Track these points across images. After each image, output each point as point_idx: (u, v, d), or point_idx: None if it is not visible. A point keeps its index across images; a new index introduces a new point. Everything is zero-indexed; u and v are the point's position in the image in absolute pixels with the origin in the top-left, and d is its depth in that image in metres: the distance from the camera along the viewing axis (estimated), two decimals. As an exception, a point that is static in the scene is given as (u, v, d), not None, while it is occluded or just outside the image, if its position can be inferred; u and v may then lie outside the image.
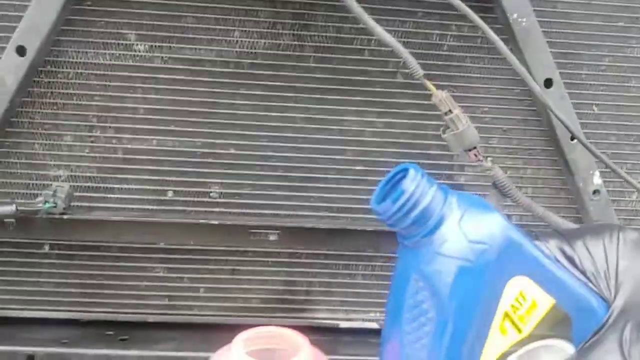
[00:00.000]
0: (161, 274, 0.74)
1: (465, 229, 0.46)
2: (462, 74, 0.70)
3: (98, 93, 0.68)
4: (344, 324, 0.77)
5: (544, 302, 0.48)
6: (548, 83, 0.67)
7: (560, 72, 0.68)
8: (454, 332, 0.45)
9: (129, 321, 0.75)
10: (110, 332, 0.74)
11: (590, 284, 0.50)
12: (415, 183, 0.47)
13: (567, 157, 0.69)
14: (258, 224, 0.69)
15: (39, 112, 0.68)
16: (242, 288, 0.75)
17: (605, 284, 0.50)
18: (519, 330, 0.47)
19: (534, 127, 0.72)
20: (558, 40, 0.69)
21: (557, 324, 0.48)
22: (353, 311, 0.77)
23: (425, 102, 0.70)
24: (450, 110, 0.58)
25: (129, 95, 0.68)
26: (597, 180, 0.70)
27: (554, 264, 0.49)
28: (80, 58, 0.67)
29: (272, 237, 0.70)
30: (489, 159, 0.64)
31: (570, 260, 0.51)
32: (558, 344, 0.49)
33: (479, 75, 0.70)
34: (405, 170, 0.48)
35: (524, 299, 0.47)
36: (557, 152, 0.71)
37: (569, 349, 0.49)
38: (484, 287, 0.46)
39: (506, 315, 0.47)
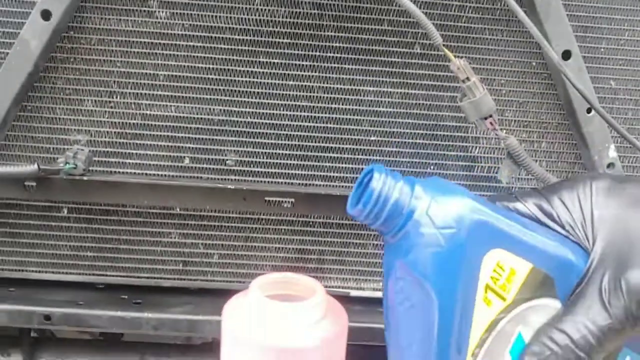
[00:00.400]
0: (176, 240, 0.75)
1: (433, 217, 0.48)
2: (480, 46, 0.70)
3: (119, 59, 0.69)
4: (354, 293, 0.77)
5: (522, 267, 0.49)
6: (566, 55, 0.67)
7: (579, 46, 0.68)
8: (440, 316, 0.47)
9: (144, 285, 0.77)
10: (125, 296, 0.76)
11: (570, 237, 0.51)
12: (380, 182, 0.49)
13: (582, 131, 0.70)
14: (273, 190, 0.70)
15: (61, 78, 0.69)
16: (256, 255, 0.76)
17: (583, 235, 0.51)
18: (503, 299, 0.49)
19: (550, 101, 0.72)
20: (578, 13, 0.69)
21: (539, 286, 0.50)
22: (364, 280, 0.78)
23: (442, 74, 0.70)
24: (467, 78, 0.59)
25: (149, 61, 0.69)
26: (612, 153, 0.70)
27: (525, 230, 0.50)
28: (103, 24, 0.68)
29: (286, 205, 0.71)
30: (503, 131, 0.64)
31: (549, 216, 0.52)
32: (544, 302, 0.50)
33: (496, 47, 0.70)
34: (371, 171, 0.51)
35: (502, 269, 0.49)
36: (572, 125, 0.71)
37: (556, 304, 0.50)
38: (460, 267, 0.48)
39: (487, 287, 0.48)
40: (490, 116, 0.60)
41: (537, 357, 0.48)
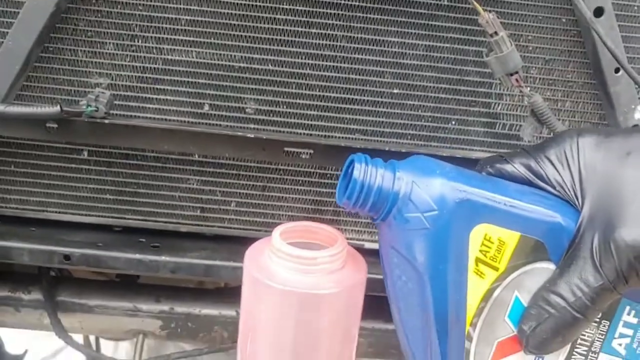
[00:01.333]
0: (195, 186, 0.76)
1: (415, 201, 0.49)
2: (508, 0, 0.68)
3: (141, 2, 0.68)
4: (368, 245, 0.78)
5: (510, 237, 0.50)
6: (598, 12, 0.65)
7: (612, 3, 0.66)
8: (434, 293, 0.49)
9: (161, 230, 0.78)
10: (143, 240, 0.77)
11: (561, 197, 0.51)
12: (362, 172, 0.51)
13: (609, 90, 0.68)
14: (293, 141, 0.70)
15: (83, 19, 0.68)
16: (272, 205, 0.77)
17: (573, 194, 0.51)
18: (495, 269, 0.50)
19: (577, 59, 0.70)
20: (612, -32, 0.67)
21: (530, 251, 0.50)
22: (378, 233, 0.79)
23: (469, 27, 0.69)
24: (495, 32, 0.58)
25: (171, 5, 0.68)
26: (638, 115, 0.69)
27: (510, 201, 0.50)
28: (125, -35, 0.67)
29: (304, 155, 0.71)
30: (528, 88, 0.64)
31: (539, 176, 0.52)
32: (538, 266, 0.51)
33: (526, 1, 0.68)
34: (352, 162, 0.52)
35: (490, 241, 0.50)
36: (599, 85, 0.70)
37: (550, 266, 0.51)
38: (447, 246, 0.49)
39: (478, 260, 0.50)
40: (516, 72, 0.60)
41: (535, 320, 0.49)
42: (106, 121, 0.67)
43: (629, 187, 0.48)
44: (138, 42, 0.69)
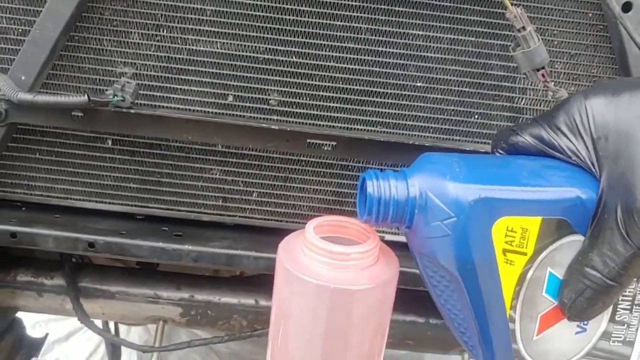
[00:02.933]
0: (217, 176, 0.76)
1: (433, 211, 0.50)
2: (535, -6, 0.68)
3: (166, -9, 0.68)
4: (389, 237, 0.78)
5: (532, 223, 0.50)
6: (626, 7, 0.65)
7: (640, -3, 0.66)
8: (469, 290, 0.51)
9: (184, 219, 0.79)
10: (165, 228, 0.77)
11: (578, 164, 0.51)
12: (375, 187, 0.52)
13: (635, 86, 0.68)
14: (317, 133, 0.70)
15: (108, 9, 0.69)
16: (294, 195, 0.77)
17: (589, 163, 0.50)
18: (524, 254, 0.51)
19: (603, 54, 0.70)
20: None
21: (555, 230, 0.51)
22: (400, 226, 0.79)
23: (494, 21, 0.69)
24: (523, 27, 0.58)
25: (196, -5, 0.68)
26: (663, 111, 0.69)
27: (525, 189, 0.50)
28: (151, -45, 0.67)
29: (326, 148, 0.71)
30: (552, 83, 0.63)
31: (552, 147, 0.52)
32: (565, 241, 0.51)
33: (552, -5, 0.68)
34: (364, 179, 0.53)
35: (513, 231, 0.50)
36: (624, 80, 0.70)
37: (578, 238, 0.51)
38: (472, 246, 0.49)
39: (505, 250, 0.50)
40: (543, 68, 0.59)
41: (574, 293, 0.50)
42: (132, 111, 0.68)
43: None
44: (163, 32, 0.70)
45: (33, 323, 1.04)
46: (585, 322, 0.54)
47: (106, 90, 0.69)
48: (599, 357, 0.55)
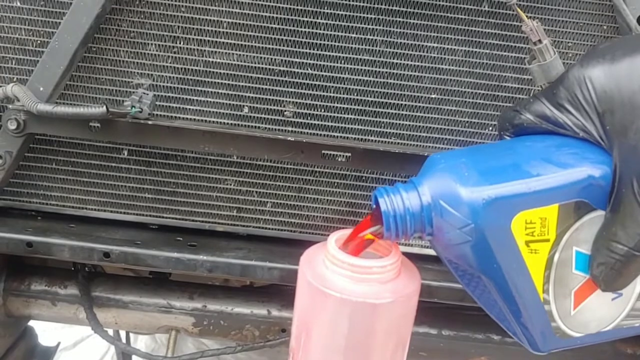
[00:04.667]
0: (232, 187, 0.77)
1: (449, 220, 0.50)
2: (550, 7, 0.68)
3: (184, 4, 0.69)
4: (403, 249, 0.78)
5: (550, 211, 0.50)
6: (642, 20, 0.65)
7: (655, 11, 0.66)
8: (498, 287, 0.51)
9: (198, 229, 0.79)
10: (180, 238, 0.78)
11: (586, 138, 0.50)
12: (388, 203, 0.52)
13: (650, 99, 0.68)
14: (332, 144, 0.71)
15: (126, 20, 0.69)
16: (307, 206, 0.77)
17: (599, 138, 0.49)
18: (547, 240, 0.51)
19: (618, 67, 0.70)
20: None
21: (574, 212, 0.50)
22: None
23: (508, 33, 0.69)
24: (539, 40, 0.58)
25: (213, 7, 0.69)
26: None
27: (536, 179, 0.49)
28: (168, -32, 0.68)
29: (340, 159, 0.72)
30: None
31: (559, 125, 0.51)
32: (586, 219, 0.51)
33: (567, 8, 0.68)
34: (376, 197, 0.53)
35: (532, 222, 0.50)
36: None
37: (598, 213, 0.51)
38: (493, 246, 0.50)
39: (527, 242, 0.50)
40: (559, 80, 0.59)
41: (604, 267, 0.50)
42: (149, 122, 0.68)
43: None
44: (180, 43, 0.70)
45: (40, 331, 1.05)
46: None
47: (123, 101, 0.70)
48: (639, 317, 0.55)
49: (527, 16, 0.60)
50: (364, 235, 0.54)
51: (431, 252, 0.80)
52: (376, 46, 0.70)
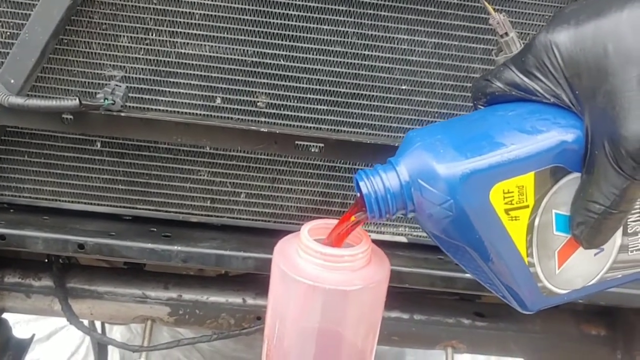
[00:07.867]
0: (205, 177, 0.77)
1: (429, 198, 0.51)
2: (516, -1, 0.70)
3: (155, -5, 0.69)
4: (374, 236, 0.80)
5: (526, 179, 0.51)
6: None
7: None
8: (482, 256, 0.53)
9: (172, 220, 0.79)
10: (154, 229, 0.78)
11: (558, 106, 0.51)
12: (368, 185, 0.53)
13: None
14: (305, 135, 0.71)
15: (98, 12, 0.69)
16: (281, 196, 0.79)
17: (569, 103, 0.51)
18: (526, 206, 0.52)
19: (581, 58, 0.72)
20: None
21: (550, 177, 0.52)
22: (384, 224, 0.81)
23: (476, 26, 0.71)
24: (506, 33, 0.59)
25: (185, -1, 0.69)
26: None
27: (510, 149, 0.50)
28: (139, -41, 0.68)
29: (314, 149, 0.73)
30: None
31: (528, 91, 0.52)
32: (563, 182, 0.52)
33: (533, 1, 0.70)
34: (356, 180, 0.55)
35: (510, 192, 0.51)
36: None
37: (574, 175, 0.52)
38: (474, 218, 0.51)
39: (507, 210, 0.52)
40: (524, 72, 0.61)
41: (584, 226, 0.52)
42: (122, 114, 0.68)
43: (616, 80, 0.48)
44: (152, 35, 0.71)
45: (13, 323, 1.04)
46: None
47: (96, 93, 0.69)
48: (622, 269, 0.57)
49: (494, 9, 0.61)
50: (350, 220, 0.56)
51: (402, 239, 0.82)
52: (348, 38, 0.71)
